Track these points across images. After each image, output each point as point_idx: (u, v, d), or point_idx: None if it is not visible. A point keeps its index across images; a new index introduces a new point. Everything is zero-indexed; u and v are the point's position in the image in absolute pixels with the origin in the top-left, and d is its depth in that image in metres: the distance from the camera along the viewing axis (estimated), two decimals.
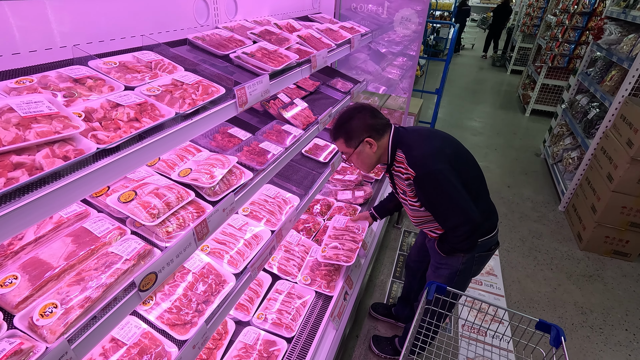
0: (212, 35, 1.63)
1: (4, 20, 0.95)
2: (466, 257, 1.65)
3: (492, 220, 1.66)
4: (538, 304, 2.66)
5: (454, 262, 1.67)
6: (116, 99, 0.95)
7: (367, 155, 1.56)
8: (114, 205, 1.09)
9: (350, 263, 1.95)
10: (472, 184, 1.53)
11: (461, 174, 1.47)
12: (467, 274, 1.73)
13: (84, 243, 1.01)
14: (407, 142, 1.53)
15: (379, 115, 1.57)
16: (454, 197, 1.43)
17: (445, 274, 1.71)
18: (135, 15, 1.36)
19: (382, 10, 3.00)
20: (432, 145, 1.49)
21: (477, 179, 1.60)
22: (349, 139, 1.54)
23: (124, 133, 0.85)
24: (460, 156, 1.54)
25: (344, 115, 1.57)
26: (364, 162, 1.60)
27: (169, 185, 1.23)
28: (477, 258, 1.68)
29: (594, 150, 3.42)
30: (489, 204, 1.67)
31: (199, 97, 1.12)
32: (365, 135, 1.51)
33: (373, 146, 1.53)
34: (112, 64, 1.11)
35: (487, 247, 1.68)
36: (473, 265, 1.69)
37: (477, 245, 1.61)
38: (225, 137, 1.73)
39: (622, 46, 3.40)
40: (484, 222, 1.53)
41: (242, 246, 1.63)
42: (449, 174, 1.42)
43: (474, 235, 1.52)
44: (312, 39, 2.08)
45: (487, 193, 1.67)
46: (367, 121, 1.52)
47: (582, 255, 3.20)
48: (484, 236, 1.62)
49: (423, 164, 1.44)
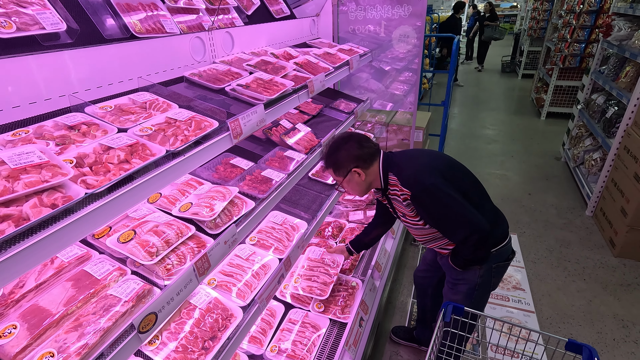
0: (209, 70, 1.68)
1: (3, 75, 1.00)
2: (483, 269, 1.58)
3: (502, 227, 1.60)
4: (573, 319, 2.48)
5: (471, 276, 1.60)
6: (108, 142, 0.97)
7: (356, 183, 1.59)
8: (114, 246, 1.10)
9: (324, 297, 1.89)
10: (472, 193, 1.51)
11: (458, 184, 1.47)
12: (486, 288, 1.65)
13: (84, 287, 1.01)
14: (397, 164, 1.56)
15: (366, 145, 1.58)
16: (455, 208, 1.42)
17: (464, 290, 1.64)
18: (131, 59, 1.41)
19: (380, 30, 3.03)
20: (421, 163, 1.52)
21: (475, 188, 1.58)
22: (337, 169, 1.58)
23: (113, 176, 0.86)
24: (452, 168, 1.54)
25: (331, 146, 1.61)
26: (354, 189, 1.64)
27: (168, 222, 1.24)
28: (495, 269, 1.61)
29: (616, 150, 3.25)
30: (495, 211, 1.62)
31: (192, 132, 1.13)
32: (352, 165, 1.54)
33: (361, 175, 1.56)
34: (107, 108, 1.15)
35: (504, 256, 1.61)
36: (492, 277, 1.62)
37: (492, 255, 1.56)
38: (228, 167, 1.74)
39: (633, 41, 3.29)
40: (493, 229, 1.49)
41: (250, 277, 1.61)
42: (444, 186, 1.42)
43: (485, 244, 1.50)
44: (309, 64, 2.11)
45: (490, 200, 1.62)
46: (353, 152, 1.55)
47: (617, 262, 2.99)
48: (497, 245, 1.57)
49: (416, 181, 1.46)
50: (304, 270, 2.06)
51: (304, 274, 2.04)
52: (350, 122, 2.56)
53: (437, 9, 10.59)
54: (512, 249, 1.64)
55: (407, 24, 2.91)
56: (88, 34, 1.35)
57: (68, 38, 1.30)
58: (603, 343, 2.30)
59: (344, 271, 2.19)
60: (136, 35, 1.50)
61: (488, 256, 1.54)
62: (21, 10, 1.15)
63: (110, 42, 1.35)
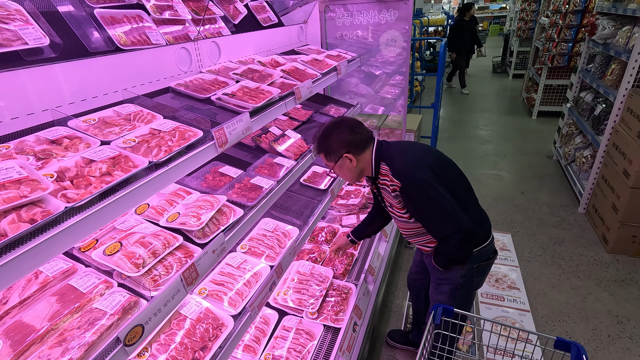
0: (195, 80, 1.68)
1: None
2: (465, 269, 1.59)
3: (486, 227, 1.61)
4: (568, 316, 2.49)
5: (454, 276, 1.61)
6: (90, 155, 0.97)
7: (348, 169, 1.58)
8: (99, 259, 1.09)
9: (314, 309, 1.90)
10: (458, 191, 1.52)
11: (446, 181, 1.46)
12: (468, 288, 1.66)
13: (68, 301, 1.00)
14: (389, 154, 1.54)
15: (358, 130, 1.56)
16: (442, 205, 1.42)
17: (447, 290, 1.66)
18: (116, 72, 1.42)
19: (367, 35, 3.06)
20: (414, 156, 1.51)
21: (463, 186, 1.58)
22: (328, 154, 1.57)
23: (94, 189, 0.86)
24: (441, 164, 1.53)
25: (323, 131, 1.58)
26: (345, 175, 1.63)
27: (155, 233, 1.23)
28: (477, 269, 1.61)
29: (605, 147, 3.29)
30: (480, 211, 1.63)
31: (176, 143, 1.14)
32: (343, 151, 1.52)
33: (353, 161, 1.53)
34: (91, 121, 1.15)
35: (484, 256, 1.62)
36: (474, 277, 1.63)
37: (474, 255, 1.57)
38: (217, 176, 1.74)
39: (617, 39, 3.34)
40: (477, 229, 1.51)
41: (241, 285, 1.61)
42: (434, 182, 1.42)
43: (467, 244, 1.50)
44: (296, 71, 2.12)
45: (476, 200, 1.64)
46: (344, 137, 1.53)
47: (611, 258, 3.00)
48: (479, 245, 1.58)
49: (407, 173, 1.45)
50: (294, 283, 2.06)
51: (294, 287, 2.04)
52: None
53: (427, 12, 10.69)
54: (494, 249, 1.65)
55: (394, 29, 2.94)
56: (72, 48, 1.36)
57: (52, 52, 1.30)
58: (598, 340, 2.30)
59: (337, 276, 2.19)
60: (121, 47, 1.50)
61: (469, 256, 1.54)
62: (3, 27, 1.15)
63: (94, 55, 1.36)
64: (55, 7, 1.41)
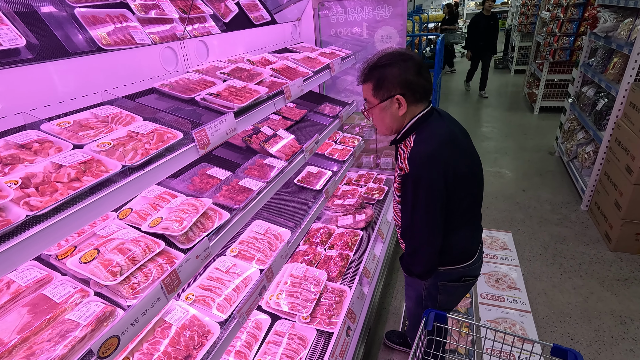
0: (180, 80, 1.64)
1: None
2: (428, 282, 1.50)
3: (468, 252, 1.48)
4: (570, 317, 2.43)
5: (417, 284, 1.54)
6: (60, 160, 0.93)
7: (390, 115, 1.34)
8: (74, 267, 1.05)
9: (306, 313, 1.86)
10: (464, 209, 1.37)
11: (454, 194, 1.30)
12: (433, 303, 1.55)
13: (41, 312, 0.96)
14: (425, 129, 1.31)
15: (425, 76, 1.31)
16: (426, 214, 1.30)
17: (412, 296, 1.60)
18: (97, 72, 1.38)
19: (362, 32, 3.00)
20: (442, 150, 1.26)
21: (472, 207, 1.43)
22: (379, 87, 1.31)
23: (60, 196, 0.82)
24: (465, 177, 1.33)
25: (384, 57, 1.31)
26: (383, 121, 1.38)
27: (135, 239, 1.19)
28: (442, 287, 1.50)
29: (608, 143, 3.21)
30: (474, 236, 1.49)
31: (153, 146, 1.10)
32: (398, 90, 1.28)
33: (402, 107, 1.29)
34: (65, 124, 1.11)
35: (453, 276, 1.49)
36: (438, 294, 1.51)
37: (439, 273, 1.46)
38: (205, 178, 1.70)
39: (619, 32, 3.26)
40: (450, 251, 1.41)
41: (230, 291, 1.56)
42: (437, 188, 1.26)
43: (430, 265, 1.41)
44: (287, 69, 2.07)
45: (477, 223, 1.50)
46: (407, 75, 1.27)
47: (614, 256, 2.94)
48: (450, 265, 1.46)
49: (420, 163, 1.26)
50: (287, 286, 2.01)
51: (287, 290, 1.99)
52: (335, 126, 2.53)
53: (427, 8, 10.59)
54: (473, 274, 1.52)
55: (390, 25, 2.88)
56: (50, 49, 1.32)
57: (29, 53, 1.26)
58: (601, 341, 2.24)
59: (332, 278, 2.14)
60: (103, 47, 1.46)
61: (427, 274, 1.44)
62: None
63: (72, 55, 1.32)
64: (34, 7, 1.37)
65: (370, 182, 3.30)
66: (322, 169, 2.64)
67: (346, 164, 2.68)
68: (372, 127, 3.74)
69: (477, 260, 1.51)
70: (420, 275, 1.46)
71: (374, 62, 1.34)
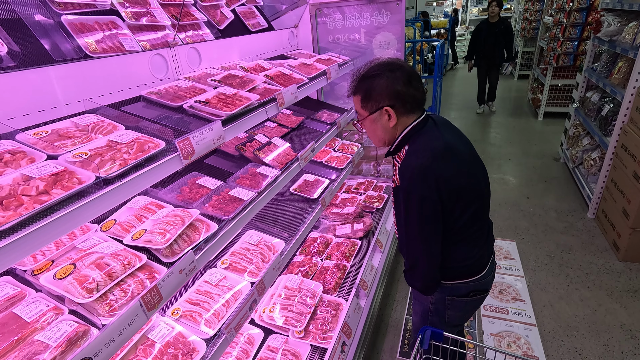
0: (170, 87, 1.60)
1: None
2: (435, 297, 1.42)
3: (476, 265, 1.38)
4: (577, 330, 2.33)
5: (424, 299, 1.46)
6: (30, 171, 0.88)
7: (381, 127, 1.30)
8: (48, 284, 1.00)
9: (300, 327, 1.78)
10: (466, 222, 1.27)
11: (453, 208, 1.23)
12: (441, 318, 1.46)
13: (9, 332, 0.91)
14: (418, 140, 1.25)
15: (415, 85, 1.25)
16: (421, 231, 1.24)
17: (419, 311, 1.52)
18: (82, 80, 1.34)
19: (360, 38, 2.97)
20: (435, 164, 1.19)
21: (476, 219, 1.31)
22: (367, 99, 1.28)
23: (25, 210, 0.77)
24: (464, 190, 1.24)
25: (372, 68, 1.28)
26: (375, 133, 1.35)
27: (115, 253, 1.14)
28: (450, 302, 1.41)
29: (614, 149, 3.13)
30: (482, 248, 1.38)
31: (132, 156, 1.05)
32: (386, 102, 1.24)
33: (392, 119, 1.26)
34: (42, 134, 1.07)
35: (461, 291, 1.40)
36: (446, 309, 1.43)
37: (446, 287, 1.39)
38: (194, 188, 1.65)
39: (624, 36, 3.20)
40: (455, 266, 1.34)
41: (219, 305, 1.50)
42: (430, 204, 1.19)
43: (429, 281, 1.34)
44: (281, 76, 2.03)
45: (483, 234, 1.38)
46: (395, 86, 1.23)
47: (622, 266, 2.83)
48: (456, 279, 1.38)
49: (410, 176, 1.20)
50: (281, 299, 1.95)
51: (281, 303, 1.93)
52: (332, 133, 2.48)
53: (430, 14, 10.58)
54: (483, 288, 1.42)
55: (388, 30, 2.84)
56: (34, 56, 1.28)
57: (10, 61, 1.23)
58: (610, 356, 2.14)
59: (328, 290, 2.07)
60: (90, 55, 1.43)
61: (430, 289, 1.37)
62: None
63: (55, 62, 1.28)
64: (18, 14, 1.34)
65: (370, 189, 3.24)
66: (319, 177, 2.58)
67: (344, 172, 2.63)
68: None
69: (487, 274, 1.41)
70: (421, 290, 1.39)
71: (361, 74, 1.31)
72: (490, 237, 1.45)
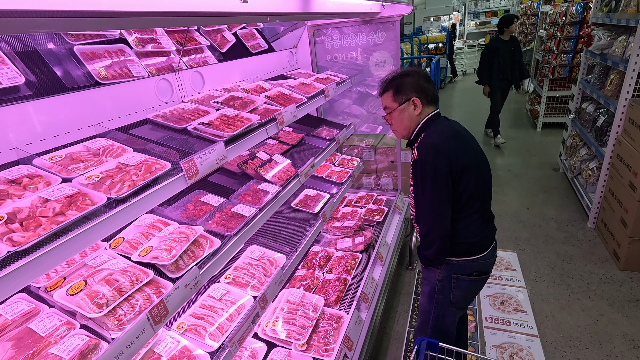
0: (175, 110, 1.69)
1: None
2: (442, 274, 1.60)
3: (480, 244, 1.57)
4: (579, 341, 2.33)
5: (432, 277, 1.64)
6: (47, 194, 0.95)
7: (408, 116, 1.60)
8: (61, 300, 1.06)
9: (302, 341, 1.82)
10: (469, 197, 1.51)
11: (459, 182, 1.47)
12: (446, 297, 1.63)
13: (25, 346, 0.96)
14: (433, 127, 1.55)
15: (432, 84, 1.61)
16: (433, 198, 1.47)
17: (426, 291, 1.68)
18: (92, 106, 1.43)
19: (358, 56, 3.07)
20: (444, 140, 1.49)
21: (479, 197, 1.55)
22: (398, 92, 1.59)
23: (43, 230, 0.84)
24: (468, 168, 1.49)
25: (399, 72, 1.64)
26: (402, 122, 1.63)
27: (124, 269, 1.20)
28: (455, 280, 1.59)
29: (610, 159, 3.18)
30: (485, 228, 1.60)
31: (141, 177, 1.12)
32: (414, 94, 1.56)
33: (417, 108, 1.57)
34: (57, 158, 1.14)
35: (466, 270, 1.58)
36: (452, 288, 1.60)
37: (452, 264, 1.57)
38: (198, 205, 1.72)
39: (614, 49, 3.29)
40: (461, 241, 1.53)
41: (223, 319, 1.55)
42: (441, 172, 1.44)
43: (439, 247, 1.52)
44: (281, 96, 2.12)
45: (486, 216, 1.62)
46: (420, 82, 1.58)
47: (624, 276, 2.84)
48: (462, 256, 1.56)
49: (426, 151, 1.48)
50: (284, 312, 1.98)
51: (283, 317, 1.96)
52: (332, 149, 2.55)
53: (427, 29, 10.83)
54: (485, 270, 1.62)
55: (383, 49, 2.95)
56: (49, 85, 1.38)
57: (27, 90, 1.32)
58: None
59: (330, 304, 2.11)
60: (100, 82, 1.52)
61: (438, 260, 1.56)
62: None
63: (68, 91, 1.37)
64: (34, 46, 1.44)
65: (370, 203, 3.29)
66: (320, 192, 2.65)
67: (344, 186, 2.69)
68: (371, 148, 3.77)
69: (489, 256, 1.61)
70: (432, 259, 1.57)
71: (391, 76, 1.65)
72: (491, 224, 1.66)
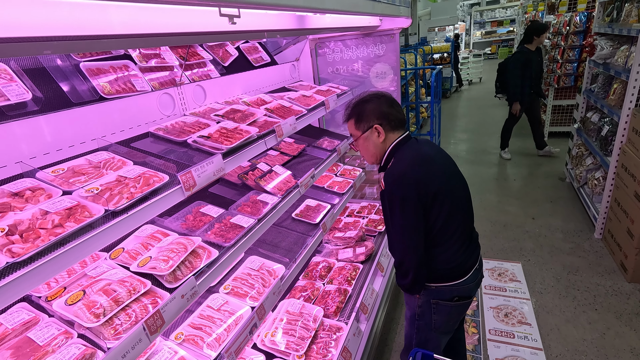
0: (176, 123, 1.73)
1: None
2: (421, 300, 1.56)
3: (458, 269, 1.51)
4: (585, 354, 2.28)
5: (412, 302, 1.60)
6: (47, 206, 0.99)
7: (373, 144, 1.55)
8: (59, 309, 1.09)
9: (301, 352, 1.82)
10: (442, 224, 1.45)
11: (431, 210, 1.41)
12: (427, 323, 1.58)
13: (23, 355, 0.99)
14: (401, 154, 1.49)
15: (397, 108, 1.55)
16: (403, 230, 1.42)
17: (408, 315, 1.65)
18: (96, 120, 1.48)
19: (359, 68, 3.12)
20: (411, 167, 1.43)
21: (453, 223, 1.48)
22: (359, 120, 1.54)
23: (42, 242, 0.87)
24: (444, 193, 1.42)
25: (362, 97, 1.59)
26: (368, 150, 1.58)
27: (122, 279, 1.23)
28: (435, 306, 1.54)
29: (615, 169, 3.14)
30: (463, 253, 1.52)
31: (139, 189, 1.15)
32: (375, 121, 1.51)
33: (381, 135, 1.51)
34: (59, 171, 1.19)
35: (446, 295, 1.53)
36: (432, 313, 1.55)
37: (431, 290, 1.53)
38: (198, 216, 1.75)
39: (616, 59, 3.28)
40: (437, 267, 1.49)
41: (221, 330, 1.56)
42: (410, 204, 1.39)
43: (414, 278, 1.47)
44: (281, 109, 2.16)
45: (465, 240, 1.53)
46: (382, 108, 1.52)
47: (631, 288, 2.79)
48: (440, 282, 1.51)
49: (392, 181, 1.43)
50: (283, 323, 1.99)
51: (282, 327, 1.96)
52: (333, 159, 2.58)
53: (432, 40, 10.90)
54: (467, 294, 1.55)
55: (384, 61, 2.99)
56: (56, 100, 1.43)
57: (34, 106, 1.38)
58: None
59: (329, 315, 2.10)
60: (105, 96, 1.58)
61: (415, 288, 1.52)
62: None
63: (72, 106, 1.42)
64: (42, 63, 1.50)
65: (373, 213, 3.29)
66: (321, 202, 2.66)
67: (346, 196, 2.70)
68: None
69: (470, 281, 1.53)
70: (409, 288, 1.53)
71: (353, 102, 1.60)
72: (473, 244, 1.58)
